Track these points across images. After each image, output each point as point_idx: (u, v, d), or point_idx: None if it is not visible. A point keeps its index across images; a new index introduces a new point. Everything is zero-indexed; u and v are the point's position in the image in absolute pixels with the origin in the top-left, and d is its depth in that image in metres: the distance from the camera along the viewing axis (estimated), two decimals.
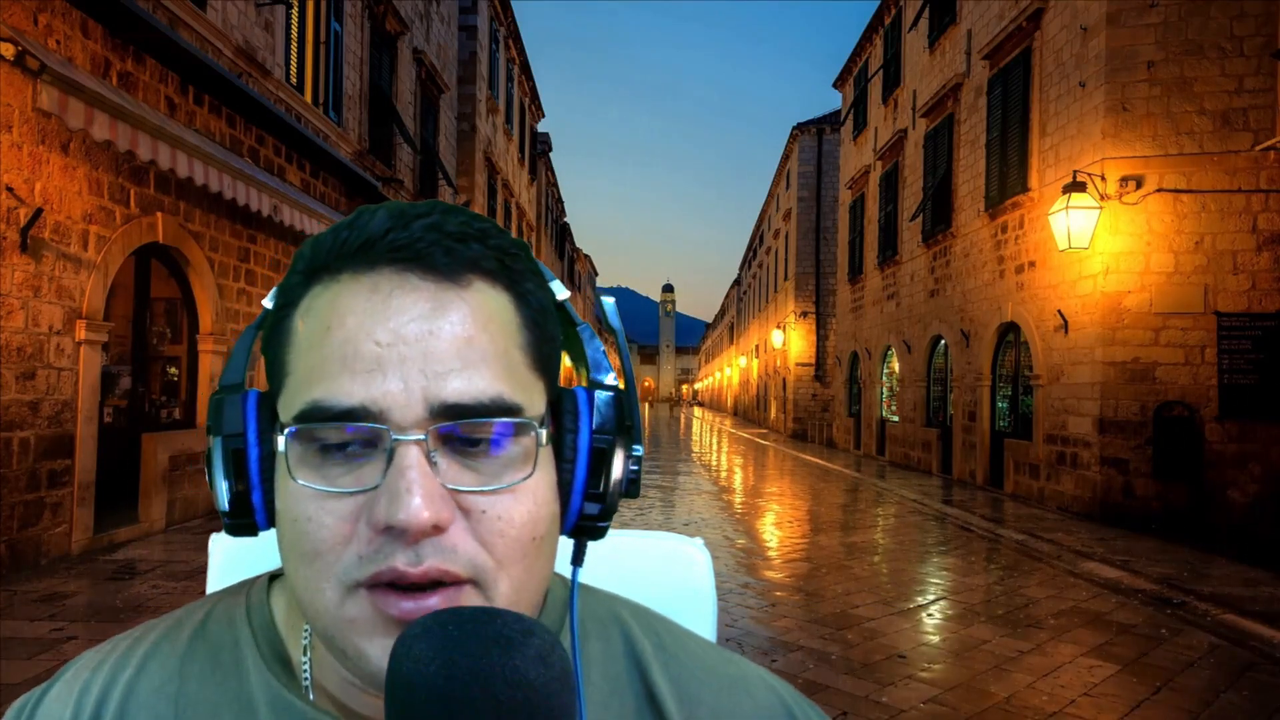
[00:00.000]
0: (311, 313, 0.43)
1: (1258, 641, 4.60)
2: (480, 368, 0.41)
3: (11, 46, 4.97)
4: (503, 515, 0.41)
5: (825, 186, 24.77)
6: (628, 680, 0.50)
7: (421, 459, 0.39)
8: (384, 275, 0.42)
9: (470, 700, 0.33)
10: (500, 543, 0.41)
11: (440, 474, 0.40)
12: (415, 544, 0.39)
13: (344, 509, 0.40)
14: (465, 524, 0.41)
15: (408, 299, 0.41)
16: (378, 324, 0.41)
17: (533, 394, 0.44)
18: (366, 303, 0.41)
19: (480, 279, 0.43)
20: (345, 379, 0.40)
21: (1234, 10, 8.28)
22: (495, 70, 19.48)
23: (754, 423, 36.71)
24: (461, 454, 0.41)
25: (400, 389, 0.40)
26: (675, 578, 0.70)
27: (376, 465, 0.40)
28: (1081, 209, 8.43)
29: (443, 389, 0.40)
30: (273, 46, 8.89)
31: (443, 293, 0.42)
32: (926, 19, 14.11)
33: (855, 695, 3.69)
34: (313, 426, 0.41)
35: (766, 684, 0.52)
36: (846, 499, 11.14)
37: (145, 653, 0.49)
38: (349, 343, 0.41)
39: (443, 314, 0.41)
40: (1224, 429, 8.21)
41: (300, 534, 0.41)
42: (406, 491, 0.38)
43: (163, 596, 4.93)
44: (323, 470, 0.41)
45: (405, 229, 0.42)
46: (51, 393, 5.65)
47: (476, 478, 0.41)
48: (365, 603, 0.40)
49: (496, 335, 0.43)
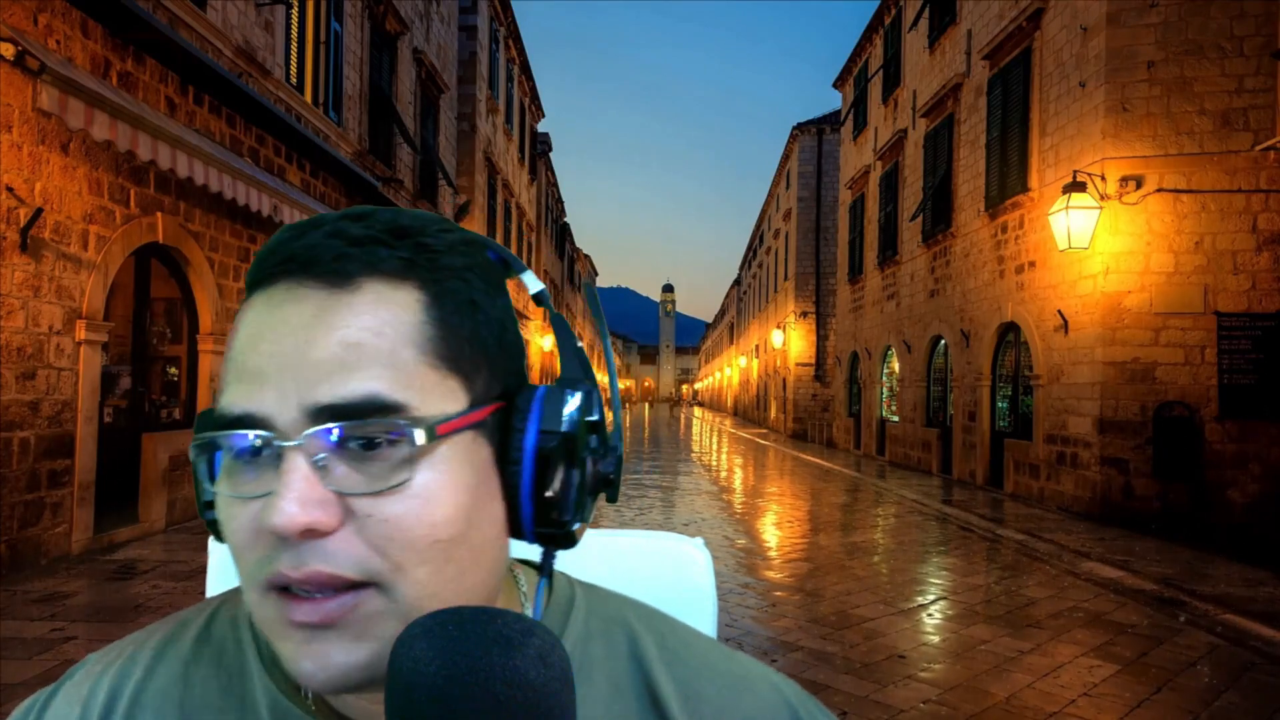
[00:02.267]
0: (233, 330, 0.45)
1: (1258, 641, 4.60)
2: (358, 370, 0.41)
3: (11, 46, 4.97)
4: (390, 518, 0.40)
5: (825, 186, 24.77)
6: (630, 681, 0.50)
7: (304, 463, 0.39)
8: (279, 288, 0.43)
9: (470, 700, 0.33)
10: (391, 546, 0.40)
11: (330, 478, 0.40)
12: (296, 547, 0.39)
13: (250, 512, 0.41)
14: (353, 527, 0.40)
15: (293, 309, 0.42)
16: (264, 335, 0.42)
17: (431, 394, 0.42)
18: (258, 315, 0.43)
19: (375, 280, 0.43)
20: (235, 389, 0.42)
21: (1234, 10, 8.28)
22: (495, 70, 19.48)
23: (754, 423, 36.71)
24: (354, 457, 0.40)
25: (276, 396, 0.40)
26: (675, 577, 0.70)
27: (271, 472, 0.41)
28: (1081, 209, 8.43)
29: (314, 392, 0.40)
30: (273, 46, 8.89)
31: (329, 299, 0.42)
32: (926, 19, 14.11)
33: (855, 695, 3.69)
34: (205, 436, 0.42)
35: (770, 682, 0.51)
36: (846, 499, 11.14)
37: (152, 656, 0.49)
38: (240, 354, 0.42)
39: (324, 319, 0.41)
40: (1224, 429, 8.21)
41: (226, 536, 0.43)
42: (281, 497, 0.38)
43: (163, 596, 4.93)
44: (234, 476, 0.42)
45: (300, 239, 0.43)
46: (51, 393, 5.65)
47: (364, 480, 0.40)
48: (273, 605, 0.41)
49: (384, 335, 0.42)
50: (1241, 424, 8.17)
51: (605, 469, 0.48)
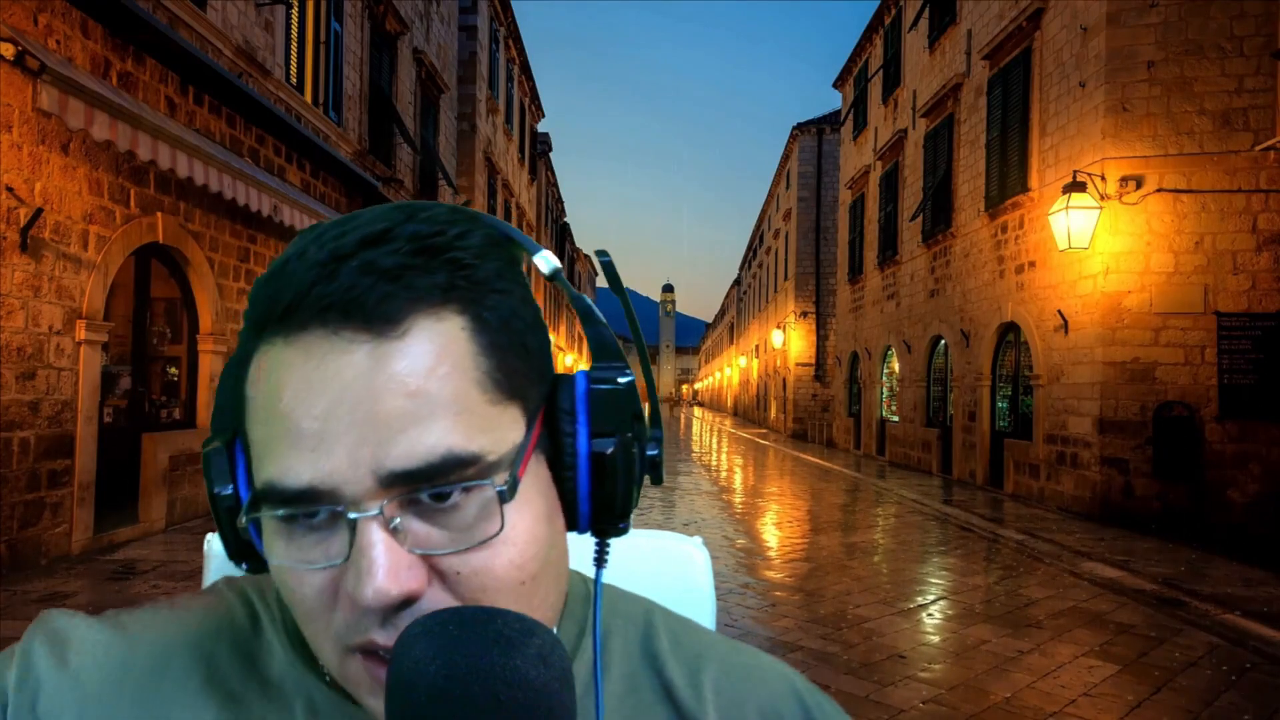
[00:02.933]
0: (256, 381, 0.41)
1: (1258, 641, 4.60)
2: (428, 423, 0.38)
3: (11, 46, 4.97)
4: (480, 570, 0.39)
5: (825, 186, 24.78)
6: (644, 675, 0.50)
7: (382, 532, 0.37)
8: (314, 338, 0.39)
9: (470, 700, 0.33)
10: (484, 597, 0.39)
11: (407, 539, 0.38)
12: (391, 615, 0.38)
13: (320, 580, 0.39)
14: (443, 585, 0.39)
15: (341, 361, 0.38)
16: (315, 395, 0.38)
17: (499, 430, 0.40)
18: (300, 372, 0.39)
19: (423, 316, 0.39)
20: (291, 458, 0.38)
21: (1234, 10, 8.28)
22: (495, 70, 19.48)
23: (754, 423, 36.71)
24: (429, 513, 0.39)
25: (346, 464, 0.37)
26: (674, 576, 0.70)
27: (343, 537, 0.38)
28: (1081, 209, 8.43)
29: (387, 457, 0.37)
30: (273, 46, 8.89)
31: (380, 346, 0.38)
32: (926, 19, 14.11)
33: (855, 695, 3.69)
34: (268, 513, 0.39)
35: (779, 672, 0.52)
36: (846, 499, 11.14)
37: (169, 615, 0.49)
38: (289, 418, 0.38)
39: (380, 371, 0.38)
40: (1224, 429, 8.20)
41: (289, 599, 0.41)
42: (368, 572, 0.37)
43: (163, 596, 4.92)
44: (294, 541, 0.40)
45: (332, 279, 0.38)
46: (51, 393, 5.65)
47: (447, 536, 0.39)
48: (359, 665, 0.40)
49: (447, 378, 0.39)
50: (1241, 424, 8.17)
51: (650, 453, 0.47)
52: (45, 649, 0.44)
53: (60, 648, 0.44)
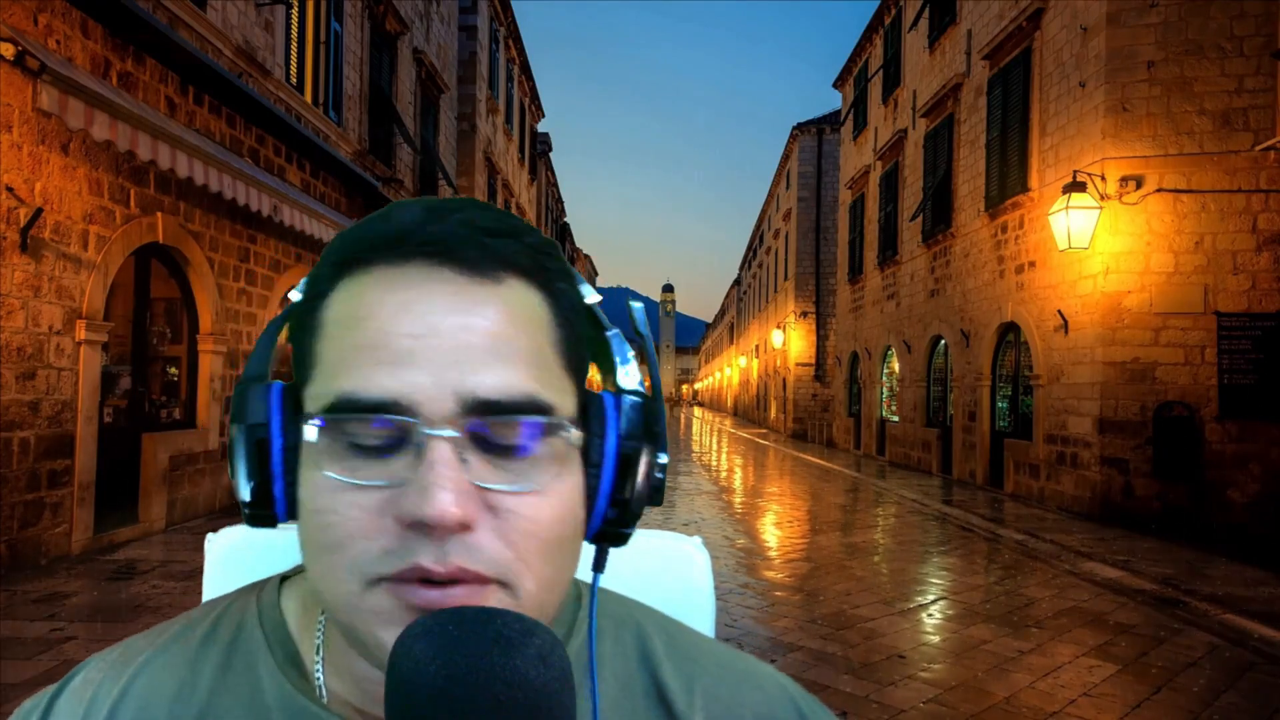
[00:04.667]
0: (341, 303, 0.42)
1: (1258, 641, 4.60)
2: (513, 364, 0.41)
3: (11, 46, 4.97)
4: (530, 515, 0.41)
5: (825, 186, 24.77)
6: (638, 678, 0.50)
7: (452, 455, 0.39)
8: (416, 268, 0.42)
9: (470, 700, 0.33)
10: (528, 542, 0.40)
11: (469, 471, 0.39)
12: (441, 541, 0.38)
13: (368, 501, 0.39)
14: (492, 523, 0.40)
15: (440, 292, 0.41)
16: (409, 316, 0.40)
17: (564, 394, 0.44)
18: (398, 294, 0.41)
19: (513, 275, 0.43)
20: (375, 370, 0.40)
21: (1234, 10, 8.28)
22: (495, 70, 19.48)
23: (754, 422, 36.71)
24: (492, 452, 0.40)
25: (431, 382, 0.39)
26: (674, 576, 0.70)
27: (404, 459, 0.39)
28: (1081, 209, 8.43)
29: (475, 384, 0.40)
30: (273, 46, 8.89)
31: (476, 287, 0.42)
32: (926, 19, 14.11)
33: (855, 695, 3.69)
34: (341, 418, 0.40)
35: (775, 679, 0.52)
36: (846, 499, 11.14)
37: (157, 658, 0.48)
38: (379, 333, 0.40)
39: (476, 308, 0.41)
40: (1224, 429, 8.20)
41: (323, 525, 0.40)
42: (437, 486, 0.37)
43: (163, 596, 4.93)
44: (349, 462, 0.40)
45: (439, 222, 0.42)
46: (51, 393, 5.65)
47: (506, 476, 0.40)
48: (387, 595, 0.39)
49: (530, 331, 0.42)
50: (1241, 424, 8.17)
51: (657, 475, 0.48)
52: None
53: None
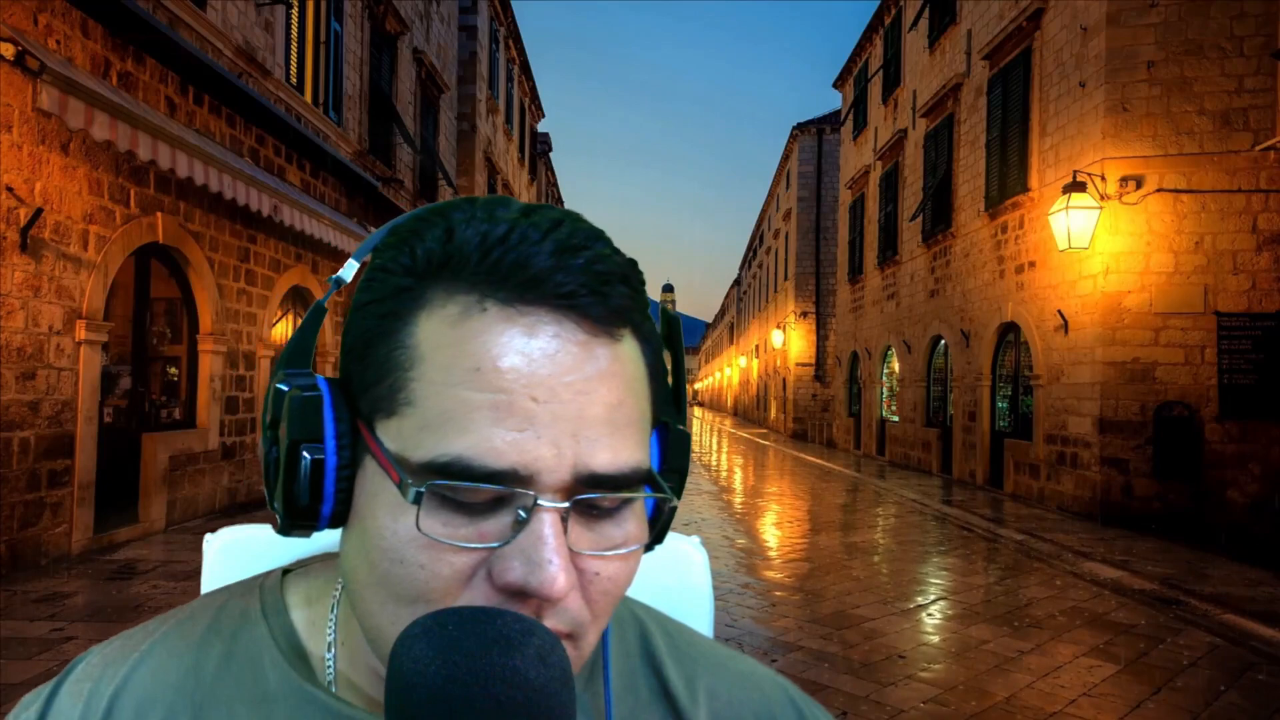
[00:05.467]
0: (446, 334, 0.38)
1: (1258, 641, 4.60)
2: (625, 435, 0.39)
3: (11, 46, 4.97)
4: (614, 576, 0.41)
5: (825, 186, 24.77)
6: (641, 675, 0.51)
7: (559, 526, 0.38)
8: (543, 318, 0.38)
9: (470, 700, 0.33)
10: (603, 600, 0.41)
11: (569, 538, 0.39)
12: (535, 607, 0.38)
13: (462, 562, 0.38)
14: (579, 585, 0.40)
15: (567, 354, 0.38)
16: (536, 378, 0.37)
17: (648, 449, 0.42)
18: (523, 345, 0.38)
19: (628, 330, 0.41)
20: (495, 433, 0.37)
21: (1234, 10, 8.28)
22: (495, 70, 19.48)
23: (754, 422, 36.70)
24: (589, 517, 0.40)
25: (553, 454, 0.37)
26: (672, 576, 0.70)
27: (503, 521, 0.38)
28: (1081, 209, 8.43)
29: (592, 458, 0.38)
30: (273, 46, 8.89)
31: (598, 347, 0.39)
32: (926, 19, 14.11)
33: (855, 695, 3.69)
34: (455, 485, 0.37)
35: (772, 679, 0.53)
36: (846, 499, 11.14)
37: (159, 649, 0.48)
38: (504, 393, 0.37)
39: (596, 372, 0.39)
40: (1224, 429, 8.20)
41: (406, 577, 0.38)
42: (548, 561, 0.37)
43: (163, 596, 4.93)
44: (443, 516, 0.38)
45: (569, 267, 0.38)
46: (51, 393, 5.65)
47: (599, 541, 0.40)
48: None
49: (639, 396, 0.41)
50: (1241, 424, 8.17)
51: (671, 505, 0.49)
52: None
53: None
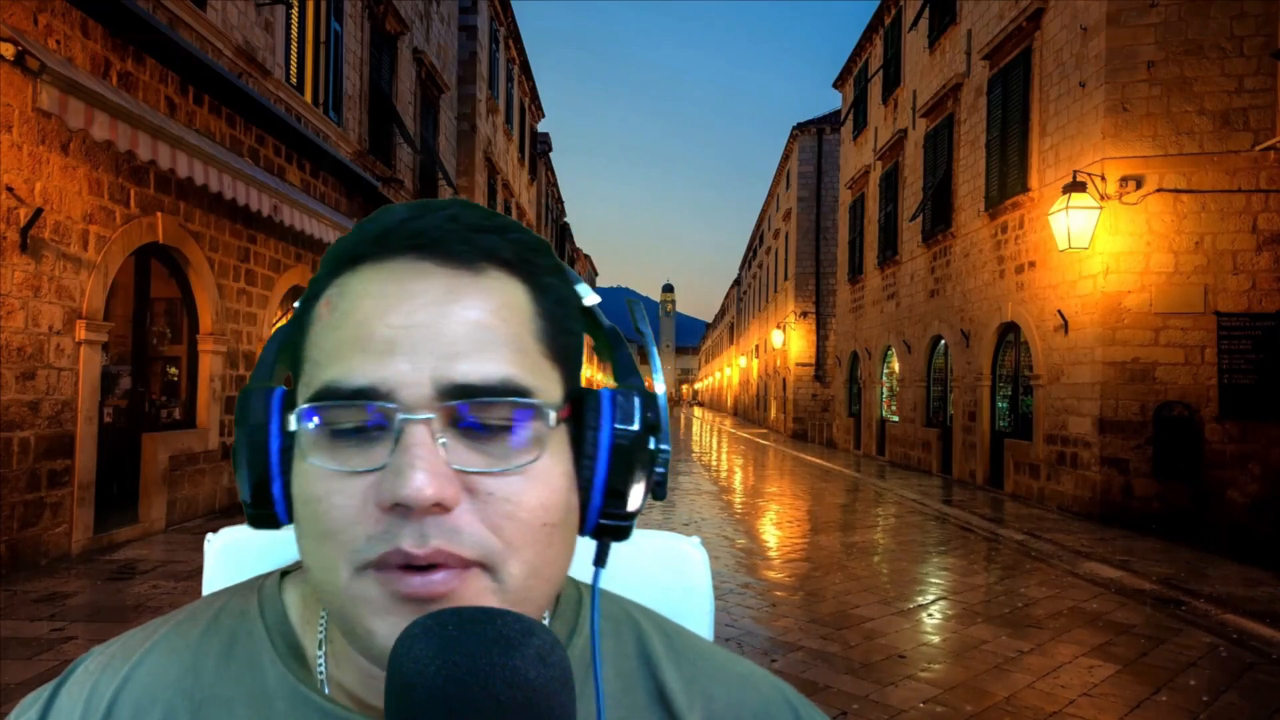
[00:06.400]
0: (330, 301, 0.44)
1: (1258, 641, 4.60)
2: (491, 351, 0.42)
3: (11, 46, 4.97)
4: (512, 497, 0.41)
5: (825, 186, 24.77)
6: (639, 677, 0.51)
7: (428, 437, 0.40)
8: (401, 262, 0.43)
9: (470, 700, 0.33)
10: (509, 525, 0.41)
11: (449, 454, 0.40)
12: (420, 522, 0.39)
13: (354, 488, 0.40)
14: (473, 505, 0.41)
15: (422, 284, 0.43)
16: (392, 307, 0.42)
17: (547, 381, 0.44)
18: (382, 287, 0.43)
19: (496, 268, 0.44)
20: (358, 359, 0.41)
21: (1234, 10, 8.28)
22: (495, 70, 19.48)
23: (754, 423, 36.70)
24: (472, 437, 0.41)
25: (409, 369, 0.40)
26: (672, 576, 0.70)
27: (386, 445, 0.40)
28: (1081, 209, 8.43)
29: (451, 369, 0.41)
30: (273, 46, 8.89)
31: (458, 279, 0.43)
32: (926, 19, 14.11)
33: (855, 695, 3.69)
34: (324, 405, 0.41)
35: (771, 682, 0.53)
36: (846, 499, 11.14)
37: (158, 649, 0.48)
38: (363, 325, 0.42)
39: (456, 298, 0.42)
40: (1224, 429, 8.20)
41: (313, 514, 0.42)
42: (410, 467, 0.38)
43: (163, 596, 4.93)
44: (335, 451, 0.41)
45: (423, 218, 0.44)
46: (51, 393, 5.65)
47: (485, 459, 0.41)
48: (374, 582, 0.40)
49: (510, 321, 0.43)
50: (1241, 424, 8.17)
51: (658, 470, 0.49)
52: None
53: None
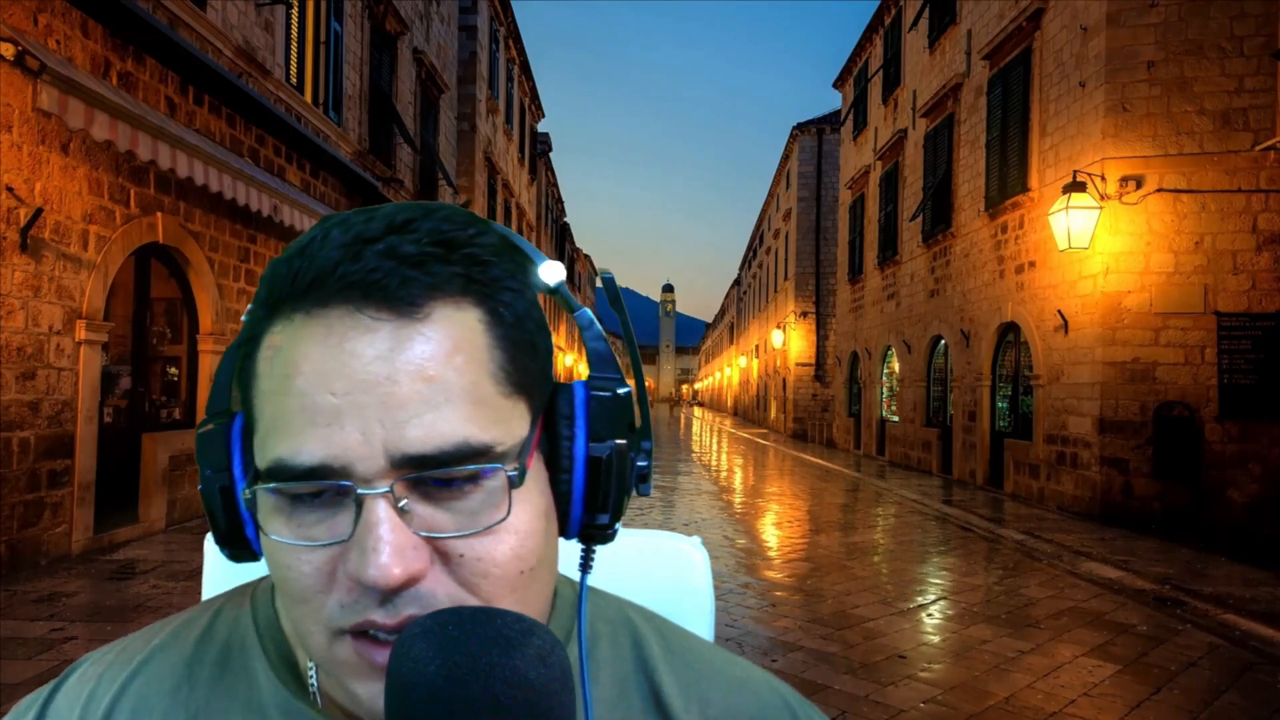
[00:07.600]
0: (270, 357, 0.41)
1: (1258, 641, 4.60)
2: (444, 409, 0.39)
3: (11, 46, 4.97)
4: (484, 556, 0.40)
5: (825, 186, 24.77)
6: (635, 682, 0.50)
7: (390, 511, 0.38)
8: (336, 314, 0.39)
9: (469, 700, 0.33)
10: (485, 583, 0.40)
11: (413, 521, 0.39)
12: (392, 596, 0.38)
13: (319, 559, 0.39)
14: (444, 569, 0.39)
15: (362, 341, 0.39)
16: (333, 372, 0.38)
17: (509, 422, 0.42)
18: (321, 348, 0.39)
19: (442, 304, 0.40)
20: (306, 434, 0.38)
21: (1234, 10, 8.28)
22: (495, 70, 19.48)
23: (754, 423, 36.70)
24: (435, 497, 0.39)
25: (359, 440, 0.38)
26: (673, 576, 0.70)
27: (348, 515, 0.39)
28: (1081, 209, 8.43)
29: (402, 439, 0.38)
30: (273, 46, 8.89)
31: (401, 329, 0.39)
32: (926, 19, 14.10)
33: (855, 695, 3.69)
34: (278, 486, 0.39)
35: (769, 684, 0.52)
36: (846, 499, 11.14)
37: (154, 656, 0.48)
38: (306, 394, 0.39)
39: (401, 353, 0.39)
40: (1224, 429, 8.20)
41: (283, 579, 0.41)
42: (374, 550, 0.37)
43: (163, 596, 4.93)
44: (295, 519, 0.40)
45: (357, 260, 0.39)
46: (51, 393, 5.65)
47: (452, 520, 0.39)
48: (350, 648, 0.40)
49: (464, 367, 0.40)
50: (1241, 424, 8.17)
51: (640, 464, 0.48)
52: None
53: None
